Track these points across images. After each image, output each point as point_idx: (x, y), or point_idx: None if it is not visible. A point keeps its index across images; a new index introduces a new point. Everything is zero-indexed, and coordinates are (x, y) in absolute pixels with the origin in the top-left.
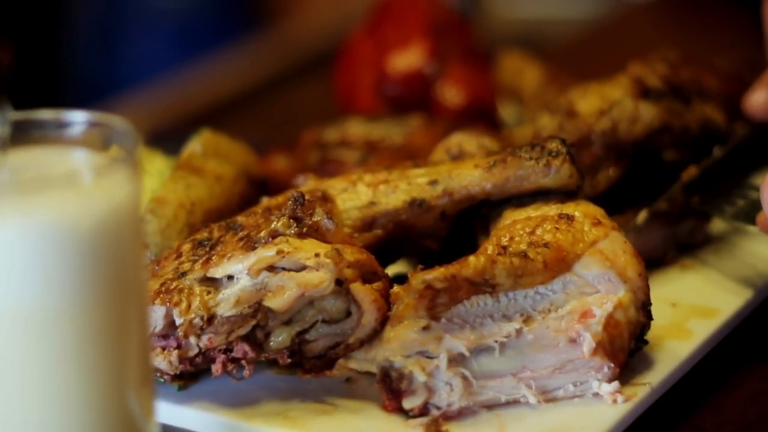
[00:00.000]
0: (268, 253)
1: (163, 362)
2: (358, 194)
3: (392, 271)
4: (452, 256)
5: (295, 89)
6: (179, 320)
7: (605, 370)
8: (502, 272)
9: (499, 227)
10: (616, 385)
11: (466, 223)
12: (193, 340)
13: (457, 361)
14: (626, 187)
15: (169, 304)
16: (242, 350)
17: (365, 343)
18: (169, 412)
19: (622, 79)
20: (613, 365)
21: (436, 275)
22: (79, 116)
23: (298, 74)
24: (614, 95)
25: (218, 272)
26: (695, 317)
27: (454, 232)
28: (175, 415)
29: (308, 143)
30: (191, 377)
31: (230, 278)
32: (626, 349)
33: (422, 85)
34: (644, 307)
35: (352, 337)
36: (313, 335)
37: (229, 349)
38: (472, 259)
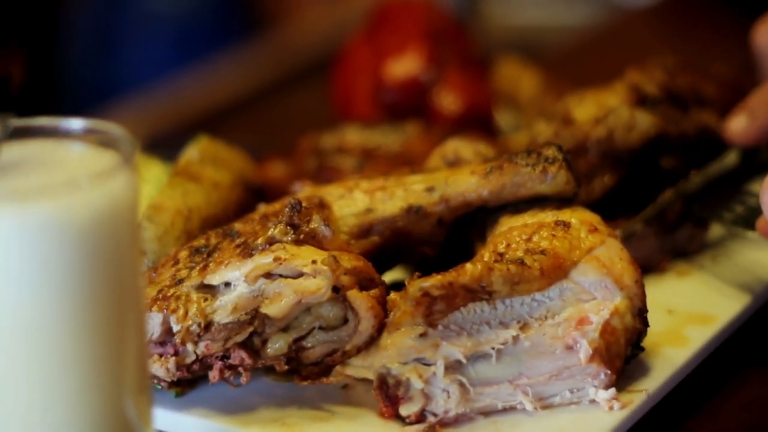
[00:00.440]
0: (265, 260)
1: (160, 369)
2: (354, 201)
3: (389, 277)
4: (449, 262)
5: (292, 96)
6: (176, 327)
7: (602, 376)
8: (499, 279)
9: (495, 234)
10: (612, 391)
11: (462, 229)
12: (190, 347)
13: (454, 368)
14: (622, 193)
15: (166, 311)
16: (239, 357)
17: (362, 350)
18: (166, 418)
19: (618, 86)
20: (609, 372)
21: (433, 283)
22: (77, 123)
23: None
24: (611, 102)
25: (215, 279)
26: (692, 324)
27: (450, 238)
28: (172, 421)
29: (305, 150)
30: (188, 384)
31: (227, 285)
32: (623, 355)
33: (419, 91)
34: (641, 313)
35: (349, 344)
36: (310, 342)
37: (226, 356)
38: (468, 266)
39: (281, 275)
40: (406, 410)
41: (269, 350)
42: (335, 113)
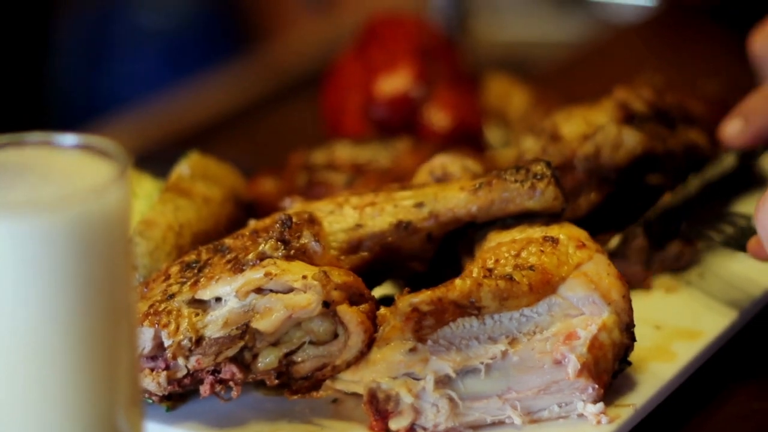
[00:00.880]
0: (255, 275)
1: (151, 383)
2: (344, 217)
3: (379, 293)
4: (438, 277)
5: (282, 111)
6: (168, 342)
7: (590, 391)
8: (487, 295)
9: (484, 249)
10: (600, 406)
11: (451, 245)
12: (181, 361)
13: (443, 382)
14: (608, 210)
15: (157, 325)
16: (230, 371)
17: (352, 364)
18: None
19: (606, 103)
20: (597, 386)
21: (422, 298)
22: (68, 139)
23: (285, 96)
24: (598, 120)
25: (206, 294)
26: (679, 339)
27: (439, 254)
28: None
29: (296, 166)
30: (179, 398)
31: (218, 300)
32: (610, 370)
33: (409, 108)
34: (628, 328)
35: (339, 358)
36: (300, 356)
37: (217, 370)
38: (458, 282)
39: (272, 290)
40: (395, 424)
41: (260, 365)
42: (325, 129)
